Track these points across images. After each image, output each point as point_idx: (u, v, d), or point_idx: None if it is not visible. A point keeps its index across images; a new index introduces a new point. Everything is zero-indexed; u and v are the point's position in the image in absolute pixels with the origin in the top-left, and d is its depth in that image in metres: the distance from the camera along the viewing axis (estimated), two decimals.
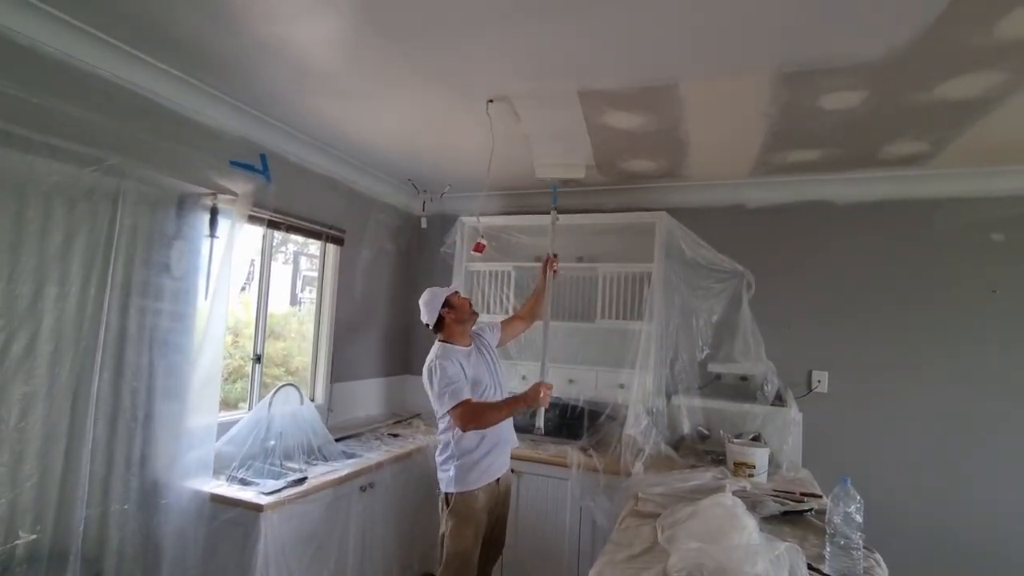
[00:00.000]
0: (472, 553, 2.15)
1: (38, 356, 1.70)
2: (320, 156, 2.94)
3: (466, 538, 2.13)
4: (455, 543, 2.13)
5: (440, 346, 2.23)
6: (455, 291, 2.33)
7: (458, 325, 2.27)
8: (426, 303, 2.26)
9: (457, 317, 2.26)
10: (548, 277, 2.51)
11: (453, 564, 2.13)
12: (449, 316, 2.25)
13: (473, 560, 2.15)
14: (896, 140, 2.38)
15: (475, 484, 2.14)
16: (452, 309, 2.26)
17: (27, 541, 1.68)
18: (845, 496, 1.58)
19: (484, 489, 2.17)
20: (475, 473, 2.14)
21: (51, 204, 1.71)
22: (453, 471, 2.15)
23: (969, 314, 2.71)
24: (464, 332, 2.30)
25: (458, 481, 2.14)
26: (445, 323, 2.25)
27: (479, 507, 2.16)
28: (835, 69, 1.80)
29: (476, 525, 2.16)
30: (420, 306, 2.29)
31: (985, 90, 1.89)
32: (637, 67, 1.87)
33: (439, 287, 2.31)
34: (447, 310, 2.25)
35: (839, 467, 2.74)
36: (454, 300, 2.28)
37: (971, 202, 2.73)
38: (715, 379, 3.04)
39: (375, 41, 1.79)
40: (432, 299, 2.25)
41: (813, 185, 2.94)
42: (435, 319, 2.25)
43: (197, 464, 2.10)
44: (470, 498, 2.14)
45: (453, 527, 2.14)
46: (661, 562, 1.51)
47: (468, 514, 2.14)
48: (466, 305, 2.32)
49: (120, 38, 1.87)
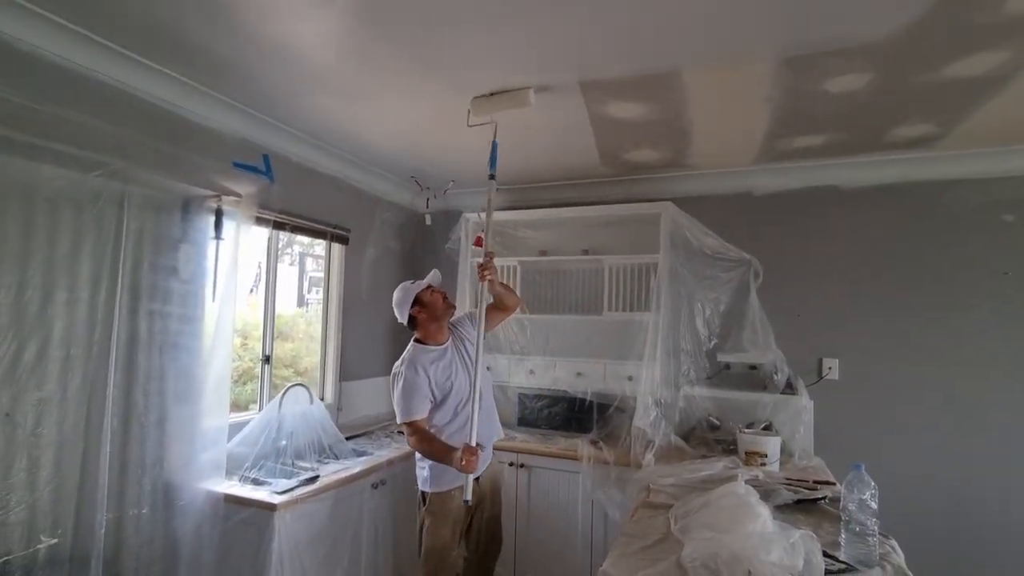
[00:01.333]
0: (449, 549, 2.13)
1: (51, 362, 1.72)
2: (322, 156, 2.94)
3: (442, 536, 2.11)
4: (431, 539, 2.11)
5: (411, 349, 2.15)
6: (427, 286, 2.18)
7: (432, 323, 2.16)
8: (397, 303, 2.17)
9: (430, 315, 2.15)
10: (481, 288, 2.15)
11: (431, 560, 2.11)
12: (421, 315, 2.15)
13: (450, 556, 2.13)
14: (903, 122, 2.35)
15: (451, 484, 2.10)
16: (424, 307, 2.15)
17: (48, 545, 1.71)
18: (859, 482, 1.56)
19: (460, 489, 2.05)
20: (451, 473, 2.05)
21: (57, 210, 1.73)
22: (428, 471, 2.12)
23: (980, 297, 2.68)
24: (440, 328, 2.19)
25: (433, 481, 2.11)
26: (418, 322, 2.16)
27: (455, 506, 2.11)
28: (838, 51, 1.77)
29: (453, 523, 2.13)
30: (393, 305, 2.19)
31: (993, 69, 1.86)
32: (638, 55, 1.85)
33: (410, 282, 2.19)
34: (418, 308, 2.14)
35: (852, 454, 2.71)
36: (425, 297, 2.15)
37: (981, 183, 2.69)
38: (724, 369, 3.03)
39: (374, 38, 1.79)
40: (403, 297, 2.15)
41: (820, 170, 2.91)
42: (407, 318, 2.16)
43: (210, 465, 2.12)
44: (446, 497, 2.11)
45: (430, 525, 2.12)
46: (675, 552, 1.50)
47: (444, 513, 2.11)
48: (439, 300, 2.18)
49: (121, 43, 1.88)
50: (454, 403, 2.13)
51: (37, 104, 1.70)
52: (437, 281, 2.23)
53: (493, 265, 2.10)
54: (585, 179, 3.29)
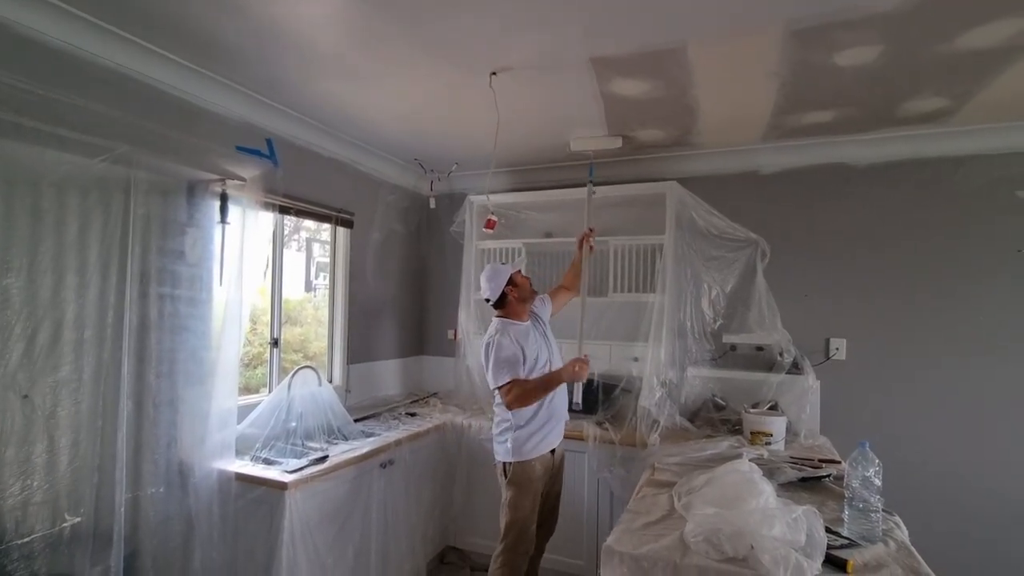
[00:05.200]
0: (530, 522, 2.24)
1: (64, 345, 1.75)
2: (326, 139, 2.93)
3: (524, 507, 2.22)
4: (514, 512, 2.23)
5: (500, 322, 2.32)
6: (518, 269, 2.43)
7: (520, 303, 2.35)
8: (489, 278, 2.34)
9: (520, 296, 2.34)
10: (584, 252, 2.54)
11: (511, 532, 2.23)
12: (512, 294, 2.33)
13: (531, 529, 2.25)
14: (915, 96, 2.30)
15: (531, 454, 2.24)
16: (516, 287, 2.33)
17: (72, 524, 1.76)
18: (863, 459, 1.57)
19: (540, 460, 2.26)
20: (531, 443, 2.23)
21: (64, 195, 1.74)
22: (510, 442, 2.24)
23: (993, 275, 2.64)
24: (524, 310, 2.38)
25: (515, 451, 2.23)
26: (507, 300, 2.33)
27: (536, 476, 2.24)
28: (847, 22, 1.73)
29: (534, 494, 2.25)
30: (481, 280, 2.38)
31: (1009, 38, 1.81)
32: (640, 31, 1.81)
33: (501, 263, 2.40)
34: (510, 288, 2.32)
35: (859, 434, 2.69)
36: (517, 279, 2.35)
37: (995, 158, 2.63)
38: (731, 350, 3.02)
39: (375, 17, 1.76)
40: (495, 275, 2.33)
41: (829, 147, 2.86)
42: (498, 296, 2.32)
43: (221, 445, 2.15)
44: (528, 467, 2.23)
45: (512, 496, 2.24)
46: (678, 529, 1.52)
47: (526, 483, 2.23)
48: (527, 284, 2.39)
49: (124, 28, 1.87)
50: (537, 376, 2.26)
51: (42, 90, 1.70)
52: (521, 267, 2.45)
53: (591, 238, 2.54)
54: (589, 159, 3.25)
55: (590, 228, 2.56)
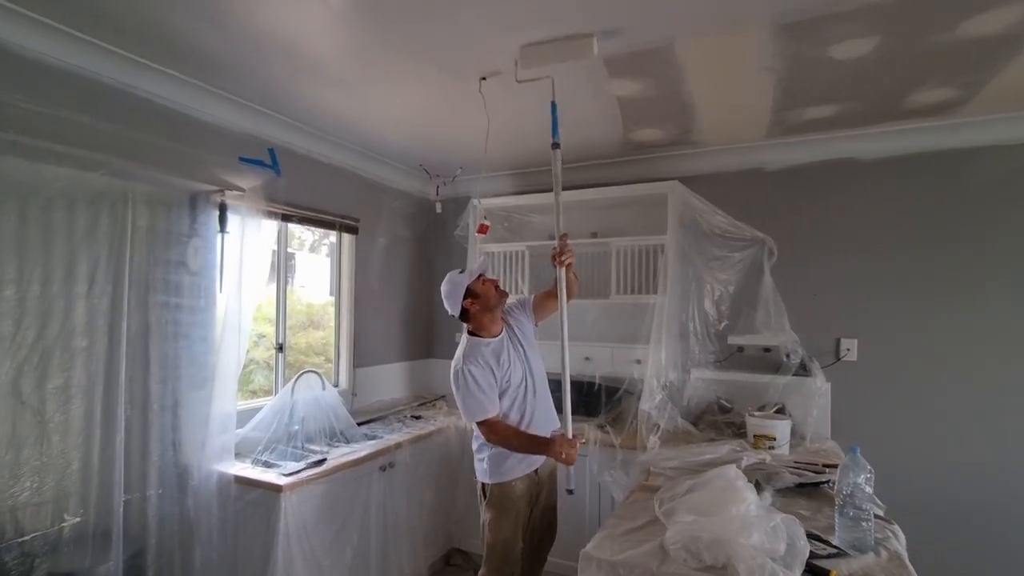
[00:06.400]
0: (513, 543, 2.08)
1: (67, 352, 1.83)
2: (328, 147, 2.98)
3: (505, 529, 2.05)
4: (494, 534, 2.06)
5: (467, 343, 2.05)
6: (477, 275, 2.06)
7: (486, 313, 2.05)
8: (447, 294, 2.06)
9: (483, 306, 2.04)
10: (559, 273, 2.01)
11: (495, 555, 2.07)
12: (474, 307, 2.04)
13: (514, 550, 2.09)
14: (921, 87, 2.21)
15: (510, 475, 2.05)
16: (476, 298, 2.03)
17: (72, 523, 1.83)
18: (854, 466, 1.51)
19: (522, 479, 2.07)
20: (510, 463, 2.04)
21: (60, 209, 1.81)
22: (487, 462, 2.07)
23: (1008, 272, 2.51)
24: (494, 319, 2.08)
25: (492, 472, 2.06)
26: (471, 314, 2.06)
27: (517, 496, 2.06)
28: (836, 15, 1.67)
29: (515, 515, 2.07)
30: (442, 297, 2.09)
31: (1011, 25, 1.72)
32: (627, 32, 1.79)
33: (457, 272, 2.07)
34: (470, 300, 2.03)
35: (870, 437, 2.63)
36: (477, 288, 2.03)
37: (1009, 149, 2.51)
38: (737, 351, 2.95)
39: (368, 24, 1.77)
40: (452, 290, 2.04)
41: (835, 142, 2.77)
42: (459, 311, 2.06)
43: (221, 448, 2.21)
44: (507, 488, 2.05)
45: (491, 518, 2.07)
46: (660, 535, 1.50)
47: (506, 504, 2.05)
48: (491, 290, 2.06)
49: (122, 46, 1.94)
50: (511, 398, 2.06)
51: (40, 107, 1.78)
52: (486, 268, 2.14)
53: (571, 248, 2.03)
54: (590, 160, 3.23)
55: (562, 235, 2.01)
